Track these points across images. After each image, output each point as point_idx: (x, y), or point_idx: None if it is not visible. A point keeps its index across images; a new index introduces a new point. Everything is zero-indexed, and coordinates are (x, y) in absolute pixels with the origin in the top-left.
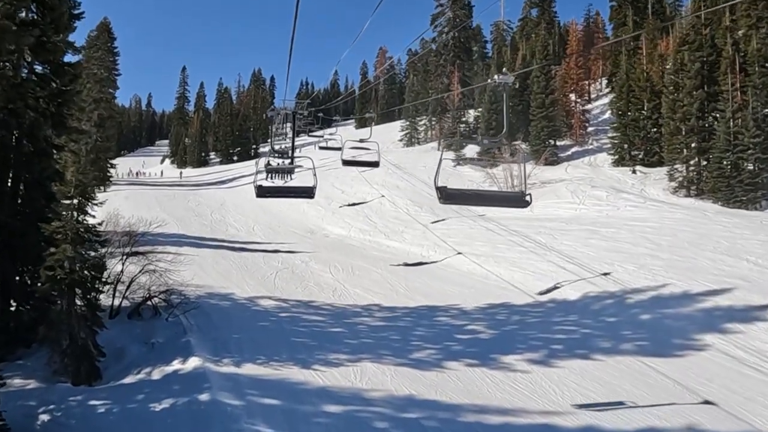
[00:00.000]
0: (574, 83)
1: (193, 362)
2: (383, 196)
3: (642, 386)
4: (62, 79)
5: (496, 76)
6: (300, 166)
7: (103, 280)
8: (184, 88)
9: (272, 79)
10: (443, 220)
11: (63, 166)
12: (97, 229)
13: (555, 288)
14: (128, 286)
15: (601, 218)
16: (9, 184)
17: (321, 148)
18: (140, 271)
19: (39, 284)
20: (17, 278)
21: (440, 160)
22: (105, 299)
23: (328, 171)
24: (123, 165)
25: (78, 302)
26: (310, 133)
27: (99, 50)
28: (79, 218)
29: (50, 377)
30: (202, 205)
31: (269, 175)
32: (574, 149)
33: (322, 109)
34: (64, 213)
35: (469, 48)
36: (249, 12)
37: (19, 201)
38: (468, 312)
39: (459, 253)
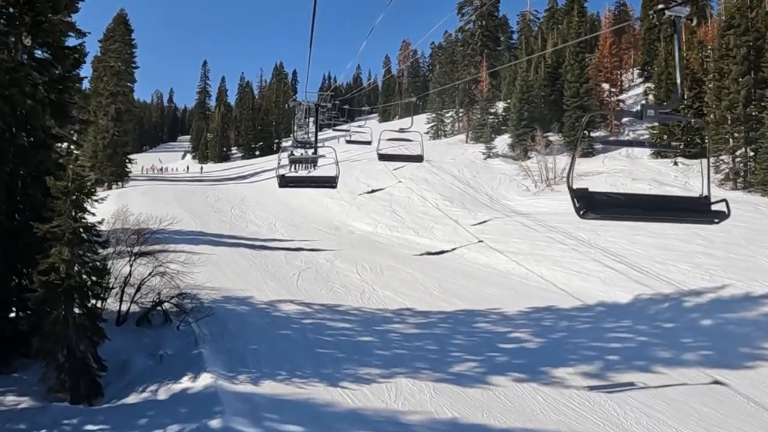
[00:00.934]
0: (608, 72)
1: (205, 379)
2: (400, 182)
3: (713, 404)
4: (63, 63)
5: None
6: (323, 156)
7: (106, 285)
8: (205, 83)
9: (294, 73)
10: (484, 221)
11: (68, 159)
12: (99, 228)
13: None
14: (137, 290)
15: None
16: (3, 178)
17: (348, 142)
18: (150, 274)
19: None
20: (15, 281)
21: (573, 157)
22: (112, 303)
23: (353, 164)
24: (145, 161)
25: (76, 310)
26: (335, 128)
27: (116, 42)
28: (77, 216)
29: (46, 395)
30: (221, 201)
31: (292, 165)
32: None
33: (346, 101)
34: (60, 210)
35: (497, 37)
36: (271, 5)
37: (17, 198)
38: (510, 317)
39: (489, 249)
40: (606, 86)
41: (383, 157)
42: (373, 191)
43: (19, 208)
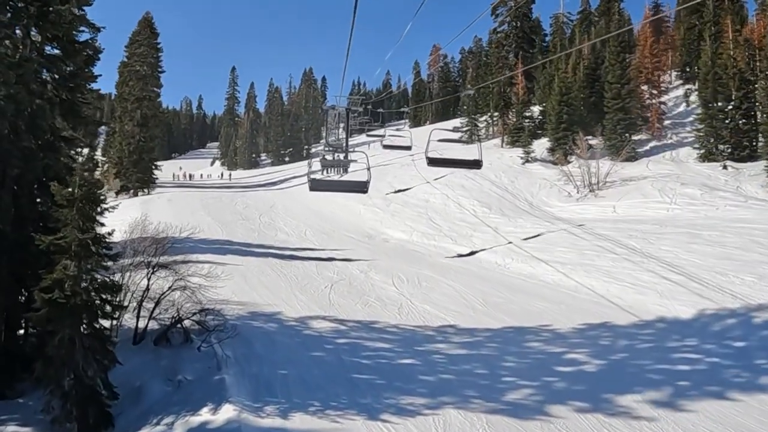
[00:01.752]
0: (649, 72)
1: (227, 411)
2: (428, 182)
3: None
4: (74, 59)
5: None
6: (354, 161)
7: (118, 303)
8: (234, 89)
9: (324, 79)
10: (538, 235)
11: (77, 164)
12: (110, 240)
13: None
14: (155, 306)
15: (699, 219)
16: (9, 184)
17: (385, 147)
18: (169, 288)
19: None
20: (24, 297)
21: None
22: (130, 319)
23: (386, 168)
24: (174, 167)
25: (84, 331)
26: (369, 133)
27: (141, 46)
28: (85, 226)
29: (50, 426)
30: (250, 208)
31: (324, 169)
32: (652, 144)
33: (378, 104)
34: (65, 220)
35: (531, 39)
36: (300, 12)
37: (24, 206)
38: (563, 335)
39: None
40: (645, 87)
41: (434, 162)
42: (398, 191)
43: (27, 217)
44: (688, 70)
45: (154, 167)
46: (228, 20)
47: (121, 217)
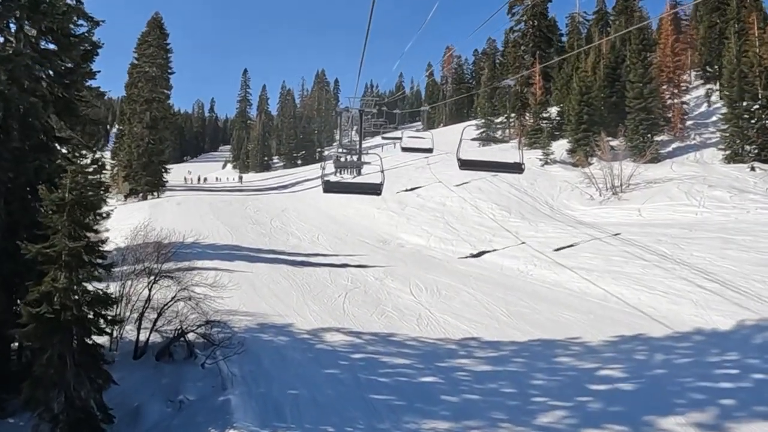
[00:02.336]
0: (670, 71)
1: None
2: (440, 181)
3: None
4: (70, 53)
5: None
6: (368, 163)
7: (114, 317)
8: (246, 91)
9: (336, 82)
10: (571, 245)
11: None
12: (106, 248)
13: None
14: (157, 318)
15: (730, 223)
16: None
17: (405, 149)
18: (172, 299)
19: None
20: (16, 308)
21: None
22: (131, 331)
23: (400, 171)
24: (186, 171)
25: (75, 349)
26: (384, 135)
27: (150, 47)
28: (77, 234)
29: None
30: (261, 212)
31: (337, 170)
32: (674, 145)
33: (387, 105)
34: (55, 227)
35: (549, 38)
36: (311, 17)
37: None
38: (595, 349)
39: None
40: (666, 87)
41: (467, 164)
42: (409, 190)
43: (19, 223)
44: (709, 69)
45: (163, 170)
46: (239, 23)
47: (129, 221)
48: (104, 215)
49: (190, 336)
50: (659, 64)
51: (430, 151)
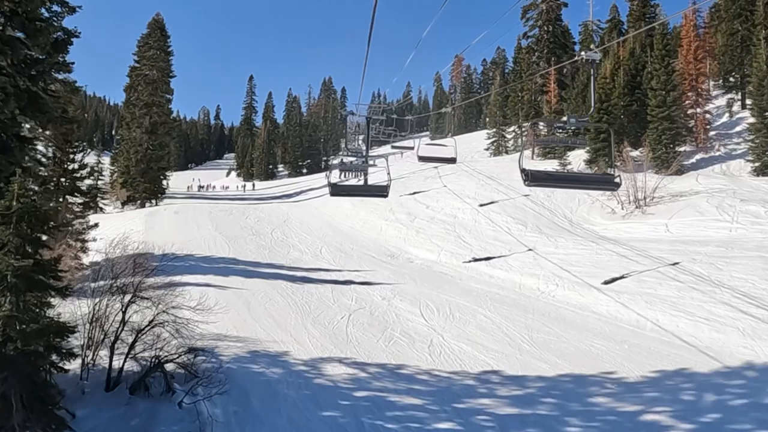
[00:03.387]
0: (692, 79)
1: None
2: (445, 186)
3: None
4: (37, 40)
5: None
6: (374, 165)
7: (69, 350)
8: (252, 98)
9: (343, 90)
10: (574, 251)
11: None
12: (60, 269)
13: None
14: (132, 345)
15: None
16: None
17: (422, 159)
18: (149, 324)
19: None
20: None
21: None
22: (106, 357)
23: (407, 181)
24: (191, 178)
25: (23, 389)
26: (394, 145)
27: (151, 49)
28: (26, 251)
29: None
30: (262, 222)
31: (342, 173)
32: (698, 156)
33: (395, 113)
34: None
35: (564, 44)
36: (318, 27)
37: None
38: (634, 386)
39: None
40: (686, 96)
41: (534, 180)
42: (413, 193)
43: None
44: (730, 79)
45: (163, 177)
46: (246, 29)
47: (122, 230)
48: (60, 228)
49: (170, 365)
50: (681, 72)
51: (452, 161)
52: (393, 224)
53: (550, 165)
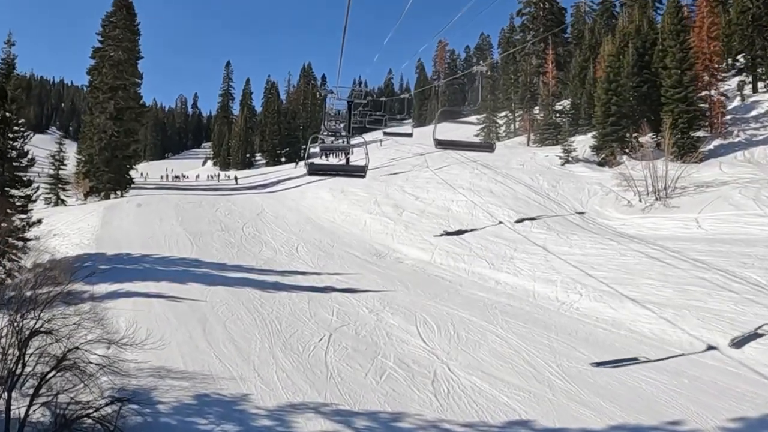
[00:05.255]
0: (707, 58)
1: None
2: (436, 174)
3: None
4: None
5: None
6: (355, 145)
7: None
8: (229, 85)
9: (323, 78)
10: (591, 250)
11: None
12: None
13: None
14: (35, 392)
15: None
16: None
17: (442, 144)
18: (53, 369)
19: None
20: None
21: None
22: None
23: (391, 169)
24: (169, 168)
25: None
26: (386, 132)
27: (116, 29)
28: None
29: None
30: (233, 215)
31: (322, 154)
32: (716, 142)
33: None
34: None
35: (561, 21)
36: (298, 16)
37: None
38: None
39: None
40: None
41: (442, 144)
42: (394, 174)
43: None
44: (739, 59)
45: (129, 166)
46: (225, 14)
47: (78, 225)
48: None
49: (89, 420)
50: (696, 50)
51: (489, 148)
52: (378, 218)
53: (551, 152)
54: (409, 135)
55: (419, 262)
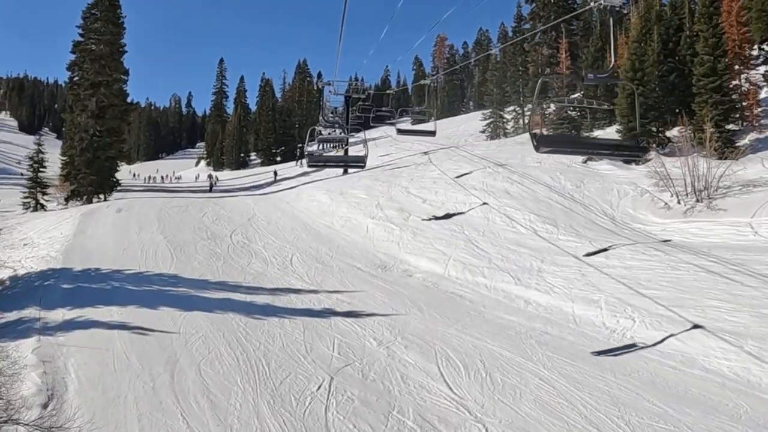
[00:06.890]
0: (737, 45)
1: None
2: (443, 173)
3: None
4: None
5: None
6: (352, 135)
7: None
8: (222, 83)
9: (319, 75)
10: (632, 262)
11: None
12: None
13: None
14: None
15: None
16: None
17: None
18: None
19: None
20: None
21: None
22: None
23: (399, 171)
24: (163, 168)
25: None
26: (400, 129)
27: (98, 21)
28: None
29: None
30: (220, 221)
31: (319, 145)
32: (751, 136)
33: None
34: None
35: (573, 8)
36: (294, 11)
37: None
38: None
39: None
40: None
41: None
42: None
43: None
44: (765, 48)
45: (114, 168)
46: (218, 14)
47: (50, 235)
48: None
49: None
50: (727, 35)
51: (432, 134)
52: (382, 223)
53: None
54: (432, 134)
55: (431, 276)
